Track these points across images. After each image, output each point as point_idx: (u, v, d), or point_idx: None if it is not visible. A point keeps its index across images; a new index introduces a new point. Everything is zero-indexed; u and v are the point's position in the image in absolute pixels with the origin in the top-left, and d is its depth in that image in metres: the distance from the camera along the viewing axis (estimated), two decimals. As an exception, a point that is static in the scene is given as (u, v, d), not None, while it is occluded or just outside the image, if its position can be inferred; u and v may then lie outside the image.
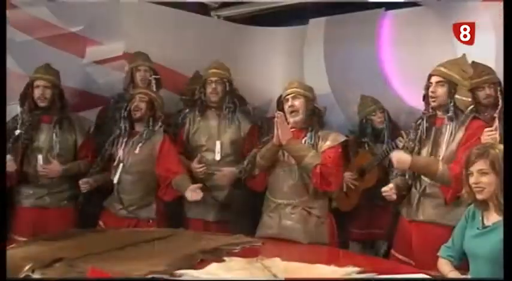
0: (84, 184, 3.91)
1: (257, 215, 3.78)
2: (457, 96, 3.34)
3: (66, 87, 4.22)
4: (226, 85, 4.21)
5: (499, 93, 3.63)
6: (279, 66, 5.66)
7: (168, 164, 3.92)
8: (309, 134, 3.61)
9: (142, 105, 3.98)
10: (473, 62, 3.92)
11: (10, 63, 4.09)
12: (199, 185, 3.80)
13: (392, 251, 3.56)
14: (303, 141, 3.60)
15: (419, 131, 3.43)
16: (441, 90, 3.34)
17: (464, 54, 3.47)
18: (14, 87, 4.10)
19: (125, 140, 4.00)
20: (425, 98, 3.45)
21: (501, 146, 2.65)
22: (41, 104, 3.95)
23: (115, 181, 3.92)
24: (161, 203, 4.01)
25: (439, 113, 3.41)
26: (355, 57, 5.16)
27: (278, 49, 5.76)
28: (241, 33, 5.70)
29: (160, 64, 4.81)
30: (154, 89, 4.39)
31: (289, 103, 3.66)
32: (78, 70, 4.53)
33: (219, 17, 5.91)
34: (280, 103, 4.91)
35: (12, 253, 3.00)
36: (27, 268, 2.70)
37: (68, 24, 4.46)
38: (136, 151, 3.93)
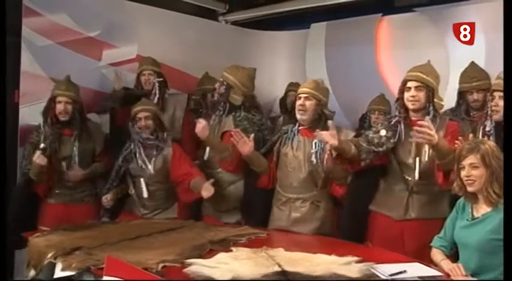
0: (105, 201, 3.91)
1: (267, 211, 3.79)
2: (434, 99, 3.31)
3: (85, 88, 4.24)
4: (223, 88, 4.05)
5: (488, 98, 3.42)
6: (283, 67, 5.70)
7: (182, 169, 3.90)
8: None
9: (150, 122, 3.93)
10: (472, 62, 3.92)
11: (33, 66, 4.16)
12: (211, 181, 3.75)
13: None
14: (313, 142, 3.60)
15: (397, 133, 3.34)
16: (421, 95, 3.28)
17: (428, 61, 3.40)
18: (36, 88, 4.15)
19: (138, 155, 3.95)
20: (400, 101, 3.37)
21: (491, 142, 2.68)
22: (62, 119, 3.95)
23: (145, 195, 3.92)
24: (181, 203, 4.02)
25: (415, 115, 3.33)
26: (354, 59, 5.17)
27: (282, 51, 5.79)
28: (247, 37, 5.73)
29: (171, 66, 4.84)
30: (158, 92, 4.39)
31: (301, 102, 3.66)
32: (95, 72, 4.56)
33: (226, 21, 5.93)
34: (282, 103, 4.93)
35: (37, 241, 3.08)
36: (50, 255, 2.77)
37: (86, 29, 4.48)
38: (152, 165, 3.91)
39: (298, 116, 3.67)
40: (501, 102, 3.07)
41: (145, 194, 3.92)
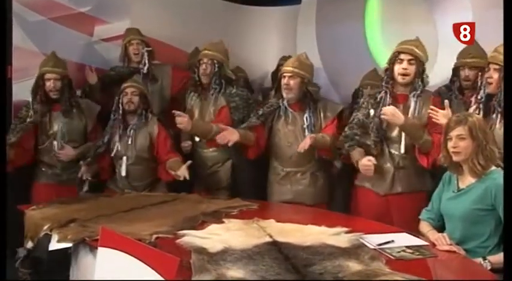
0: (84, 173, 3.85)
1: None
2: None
3: (77, 63, 4.21)
4: (215, 66, 4.02)
5: (479, 78, 3.24)
6: (273, 43, 5.66)
7: (165, 149, 3.88)
8: (307, 112, 3.70)
9: (136, 99, 3.90)
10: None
11: (25, 41, 4.13)
12: (188, 163, 3.70)
13: None
14: (304, 117, 3.68)
15: (381, 105, 3.34)
16: (412, 68, 3.29)
17: (417, 37, 3.40)
18: (28, 63, 4.11)
19: (120, 132, 3.91)
20: (389, 72, 3.36)
21: (478, 116, 2.71)
22: (53, 96, 3.91)
23: (123, 173, 3.89)
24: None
25: (402, 90, 3.36)
26: (345, 35, 5.15)
27: (273, 27, 5.74)
28: (238, 12, 5.68)
29: (163, 41, 4.80)
30: (147, 61, 4.36)
31: (285, 81, 3.69)
32: (87, 47, 4.52)
33: (219, -3, 5.88)
34: (274, 76, 4.89)
35: (33, 213, 3.10)
36: (46, 227, 2.79)
37: (77, 5, 4.44)
38: (131, 142, 3.88)
39: (284, 95, 3.70)
40: (496, 75, 3.02)
41: (123, 173, 3.89)
